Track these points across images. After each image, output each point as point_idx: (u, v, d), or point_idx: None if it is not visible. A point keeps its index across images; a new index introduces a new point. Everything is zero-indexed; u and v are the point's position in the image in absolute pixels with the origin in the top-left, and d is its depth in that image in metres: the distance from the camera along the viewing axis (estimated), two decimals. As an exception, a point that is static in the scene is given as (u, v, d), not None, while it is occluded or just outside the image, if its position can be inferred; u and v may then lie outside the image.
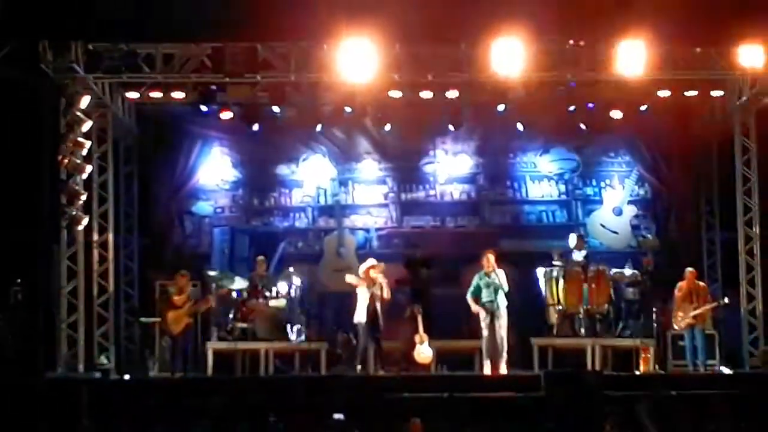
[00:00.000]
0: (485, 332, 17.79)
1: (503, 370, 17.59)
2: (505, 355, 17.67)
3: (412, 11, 16.06)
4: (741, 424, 13.91)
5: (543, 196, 22.12)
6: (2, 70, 16.21)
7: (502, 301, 17.79)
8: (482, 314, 17.83)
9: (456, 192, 22.11)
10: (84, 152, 17.66)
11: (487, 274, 17.85)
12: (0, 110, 16.27)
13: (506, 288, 17.83)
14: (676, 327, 18.58)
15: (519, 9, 16.29)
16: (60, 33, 16.71)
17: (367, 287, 17.86)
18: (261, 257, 19.73)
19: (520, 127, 20.16)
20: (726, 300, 18.74)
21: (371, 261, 18.29)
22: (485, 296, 17.84)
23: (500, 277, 17.79)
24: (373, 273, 17.93)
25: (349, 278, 18.22)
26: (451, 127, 20.17)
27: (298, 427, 14.15)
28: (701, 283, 18.74)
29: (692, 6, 16.05)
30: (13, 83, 16.22)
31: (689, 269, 18.64)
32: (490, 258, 17.94)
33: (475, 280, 17.99)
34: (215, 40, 17.34)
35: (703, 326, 18.33)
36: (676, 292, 18.46)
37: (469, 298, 18.02)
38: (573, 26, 16.98)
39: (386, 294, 18.00)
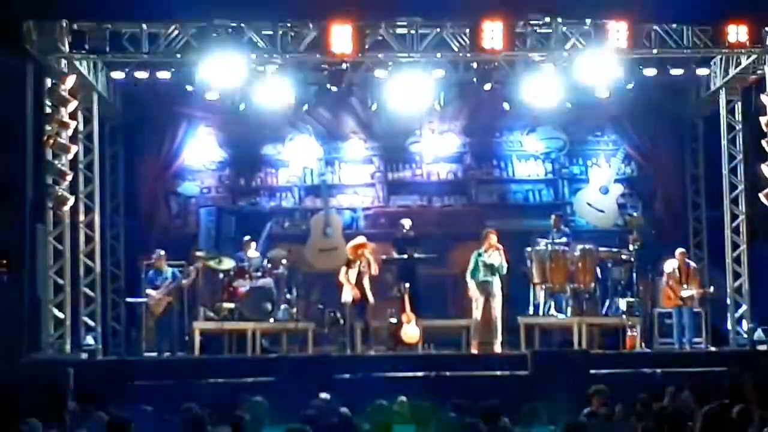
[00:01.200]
0: (477, 312, 17.83)
1: (498, 349, 17.63)
2: (499, 335, 17.72)
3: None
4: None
5: (530, 175, 22.15)
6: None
7: (497, 282, 17.83)
8: (476, 293, 17.86)
9: (443, 171, 22.12)
10: (69, 132, 17.64)
11: (487, 253, 17.85)
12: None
13: (505, 269, 17.86)
14: (664, 305, 18.65)
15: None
16: (43, 12, 16.64)
17: (353, 264, 17.89)
18: (248, 238, 19.74)
19: (506, 106, 20.09)
20: (711, 289, 18.77)
21: (360, 239, 18.33)
22: (481, 276, 17.85)
23: (500, 257, 17.82)
24: (360, 250, 17.98)
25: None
26: (437, 107, 20.11)
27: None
28: (692, 264, 18.81)
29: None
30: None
31: (680, 249, 18.71)
32: (492, 238, 17.94)
33: (473, 260, 17.96)
34: (199, 20, 17.28)
35: (691, 305, 18.41)
36: (666, 272, 18.51)
37: (469, 279, 18.02)
38: (557, 4, 16.97)
39: (374, 270, 18.05)
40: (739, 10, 16.82)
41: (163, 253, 18.77)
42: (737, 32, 17.10)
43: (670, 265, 18.54)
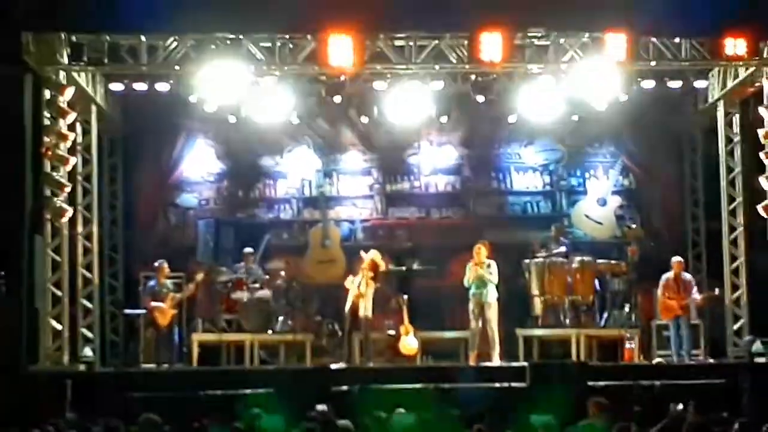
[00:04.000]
0: (473, 324, 17.86)
1: (496, 361, 17.63)
2: (497, 347, 17.74)
3: (394, 2, 16.11)
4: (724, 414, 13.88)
5: (528, 187, 22.15)
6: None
7: (492, 293, 17.84)
8: (470, 305, 17.89)
9: (441, 183, 22.11)
10: (68, 144, 17.64)
11: (478, 266, 17.89)
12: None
13: (495, 281, 17.88)
14: (661, 317, 18.63)
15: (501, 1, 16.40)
16: (43, 24, 16.67)
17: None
18: (248, 250, 19.74)
19: (510, 120, 20.04)
20: (717, 291, 18.78)
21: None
22: (474, 287, 17.88)
23: (491, 269, 17.85)
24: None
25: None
26: (442, 119, 20.09)
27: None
28: (687, 274, 18.77)
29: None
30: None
31: (675, 259, 18.64)
32: (481, 250, 17.97)
33: (468, 270, 18.02)
34: (197, 33, 17.32)
35: (688, 316, 18.39)
36: (662, 282, 18.49)
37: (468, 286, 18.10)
38: (554, 18, 17.01)
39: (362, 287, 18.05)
40: (737, 23, 16.84)
41: (165, 264, 18.73)
42: (735, 44, 17.14)
43: (666, 276, 18.52)
